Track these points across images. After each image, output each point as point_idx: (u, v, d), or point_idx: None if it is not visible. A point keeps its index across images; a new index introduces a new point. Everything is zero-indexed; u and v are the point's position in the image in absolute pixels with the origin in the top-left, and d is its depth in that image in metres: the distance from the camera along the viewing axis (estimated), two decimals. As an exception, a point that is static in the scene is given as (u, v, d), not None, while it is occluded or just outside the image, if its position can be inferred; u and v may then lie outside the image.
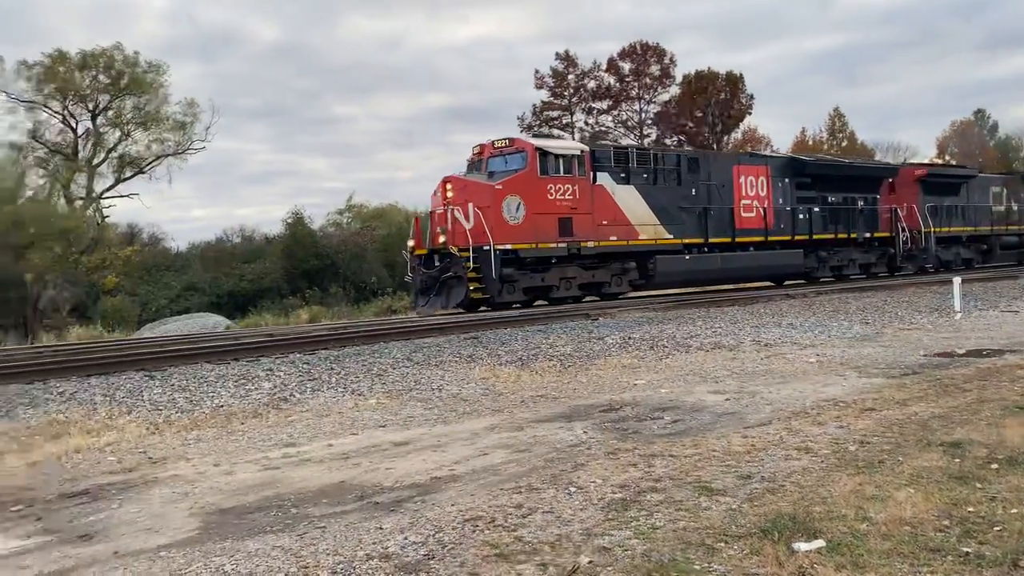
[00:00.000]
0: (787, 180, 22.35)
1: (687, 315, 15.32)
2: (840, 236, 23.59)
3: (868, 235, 24.75)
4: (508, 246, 16.36)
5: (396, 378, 9.85)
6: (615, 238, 18.14)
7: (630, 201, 18.61)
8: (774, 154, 26.54)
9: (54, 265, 26.79)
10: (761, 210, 21.37)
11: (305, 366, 10.27)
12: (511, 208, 16.43)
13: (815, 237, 22.68)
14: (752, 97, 54.48)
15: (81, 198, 36.19)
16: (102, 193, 37.47)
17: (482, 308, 16.72)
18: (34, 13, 56.66)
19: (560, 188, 17.23)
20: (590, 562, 3.74)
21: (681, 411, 7.43)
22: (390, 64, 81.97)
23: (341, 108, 78.18)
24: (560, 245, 17.20)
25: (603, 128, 53.59)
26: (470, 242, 15.86)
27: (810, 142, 57.63)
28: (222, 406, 8.50)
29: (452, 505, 4.76)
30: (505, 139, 17.71)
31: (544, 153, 17.15)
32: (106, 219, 37.27)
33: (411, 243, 17.34)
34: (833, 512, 4.29)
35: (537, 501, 4.75)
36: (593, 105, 53.76)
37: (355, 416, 8.05)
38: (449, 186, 16.91)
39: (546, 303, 17.75)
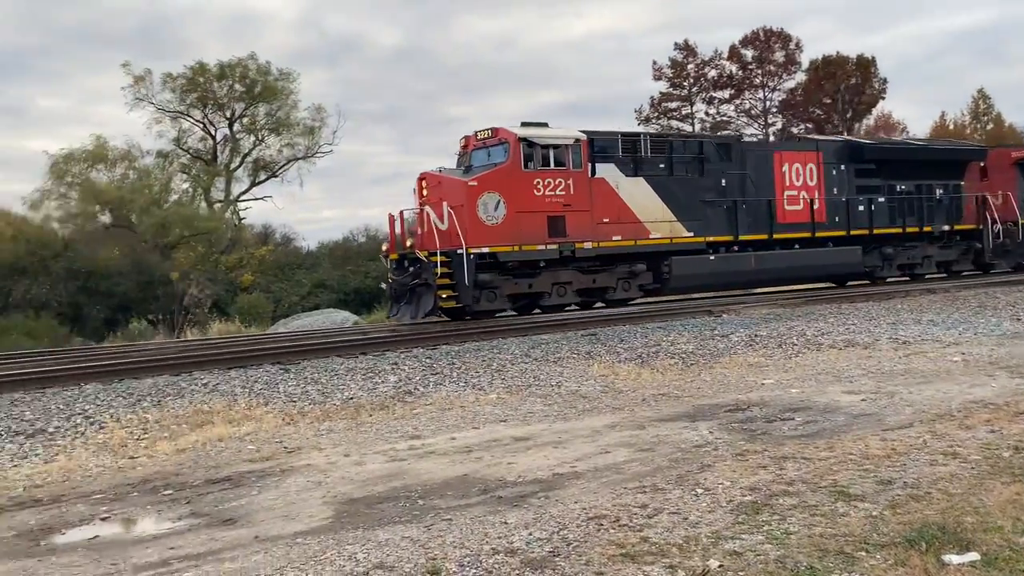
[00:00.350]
0: (843, 167, 19.62)
1: (817, 311, 14.67)
2: (910, 230, 20.49)
3: (947, 228, 21.44)
4: (484, 249, 14.45)
5: (515, 374, 9.92)
6: (619, 238, 15.89)
7: (639, 196, 16.30)
8: (827, 138, 22.65)
9: (197, 264, 28.58)
10: (809, 202, 18.74)
11: (428, 360, 10.50)
12: (488, 207, 14.54)
13: (876, 232, 19.82)
14: (885, 81, 51.64)
15: (220, 201, 38.44)
16: (239, 196, 39.69)
17: (467, 317, 15.00)
18: (175, 29, 60.67)
19: (549, 183, 15.14)
20: (720, 566, 3.62)
21: (813, 412, 7.11)
22: (503, 63, 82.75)
23: (456, 109, 79.68)
24: (550, 247, 15.13)
25: (724, 118, 52.18)
26: (438, 245, 14.12)
27: (951, 126, 54.01)
28: (351, 398, 8.80)
29: (575, 502, 4.73)
30: (488, 130, 15.67)
31: (529, 144, 15.01)
32: (243, 220, 39.41)
33: (385, 246, 15.83)
34: (987, 523, 3.99)
35: (663, 501, 4.66)
36: (714, 95, 52.40)
37: (476, 410, 8.16)
38: (424, 183, 15.45)
39: (540, 311, 15.85)
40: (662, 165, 16.83)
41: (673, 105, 52.80)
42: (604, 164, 16.03)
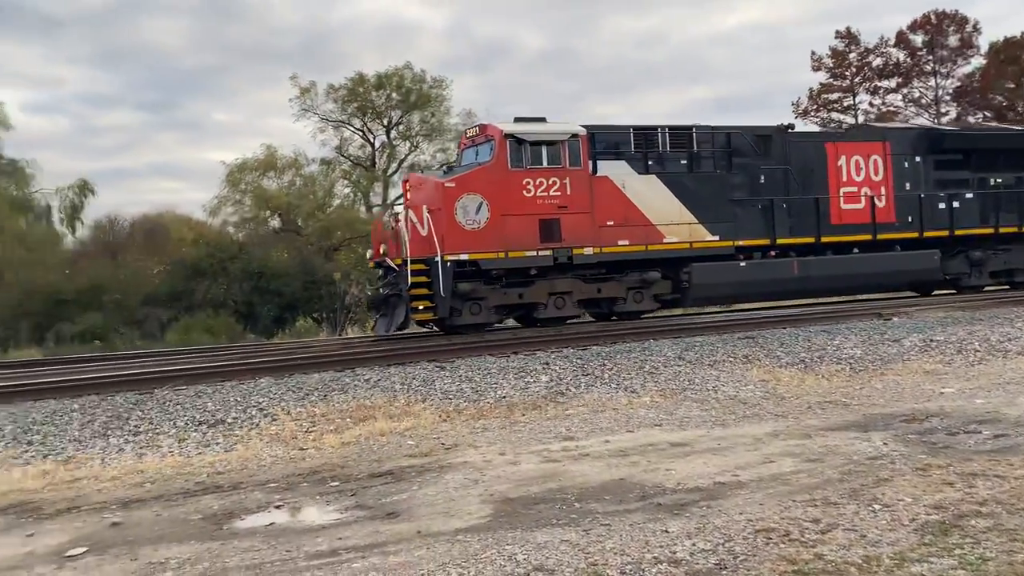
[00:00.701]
0: (919, 159, 16.87)
1: (1001, 314, 13.42)
2: (1005, 230, 17.31)
3: None
4: (463, 256, 13.23)
5: (668, 376, 9.69)
6: (626, 242, 14.24)
7: (650, 195, 14.55)
8: (898, 126, 18.80)
9: (357, 265, 29.94)
10: (870, 199, 16.19)
11: (579, 361, 10.45)
12: (469, 210, 13.34)
13: (959, 233, 16.90)
14: (1080, 62, 46.57)
15: (378, 205, 40.17)
16: (395, 200, 41.34)
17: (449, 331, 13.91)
18: (333, 43, 64.10)
19: (542, 183, 13.71)
20: (906, 591, 3.34)
21: (1004, 425, 6.47)
22: (650, 60, 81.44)
23: (602, 108, 79.30)
24: (542, 253, 13.67)
25: (890, 108, 48.88)
26: (408, 253, 13.15)
27: None
28: (504, 397, 8.90)
29: (740, 513, 4.53)
30: (477, 127, 14.69)
31: (517, 140, 13.62)
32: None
33: (369, 253, 14.77)
34: None
35: (836, 517, 4.37)
36: (879, 84, 49.25)
37: (629, 413, 8.03)
38: (409, 186, 14.49)
39: (540, 324, 14.31)
40: (682, 161, 15.09)
41: (834, 97, 50.04)
42: (610, 161, 14.48)
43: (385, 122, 39.62)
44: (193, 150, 64.57)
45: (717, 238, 14.92)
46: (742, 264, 15.08)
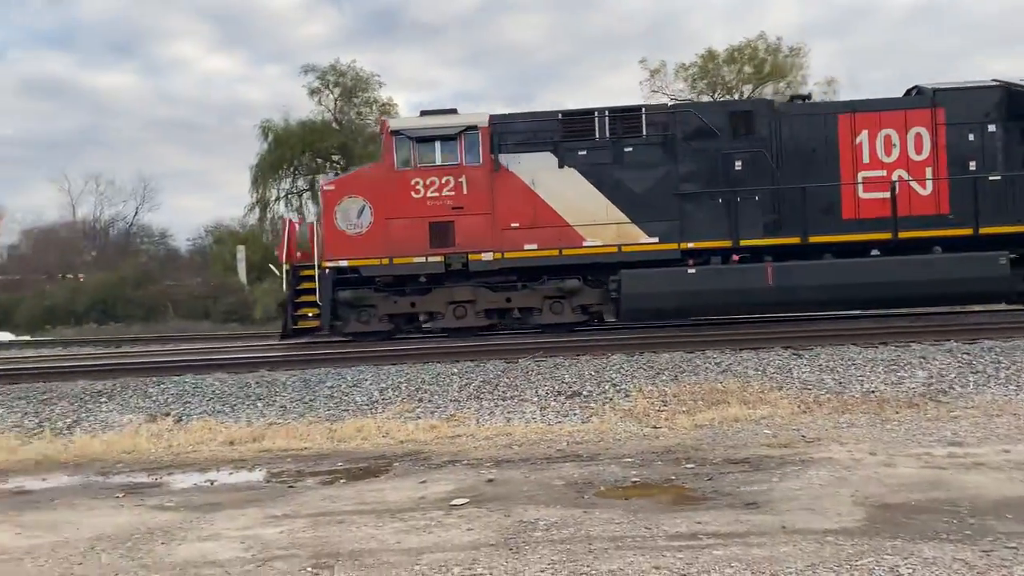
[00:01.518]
0: (993, 128, 12.48)
1: None
2: None
3: None
4: (343, 262, 12.43)
5: (1089, 380, 8.08)
6: (534, 246, 12.41)
7: (567, 192, 12.46)
8: (959, 85, 13.08)
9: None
10: (907, 185, 12.36)
11: (964, 356, 9.14)
12: (349, 214, 12.41)
13: None
14: None
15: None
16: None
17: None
18: (681, 22, 63.62)
19: (434, 182, 12.39)
20: None
21: None
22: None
23: (994, 65, 68.32)
24: (432, 259, 12.40)
25: None
26: (284, 257, 12.78)
27: None
28: (873, 391, 8.13)
29: None
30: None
31: (404, 137, 12.41)
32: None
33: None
34: None
35: None
36: None
37: (1035, 421, 6.83)
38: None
39: (447, 334, 12.73)
40: (626, 150, 12.56)
41: None
42: (524, 154, 12.57)
43: (736, 96, 38.46)
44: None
45: (655, 240, 12.46)
46: (691, 271, 12.33)
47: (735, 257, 12.61)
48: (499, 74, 71.66)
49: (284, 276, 12.87)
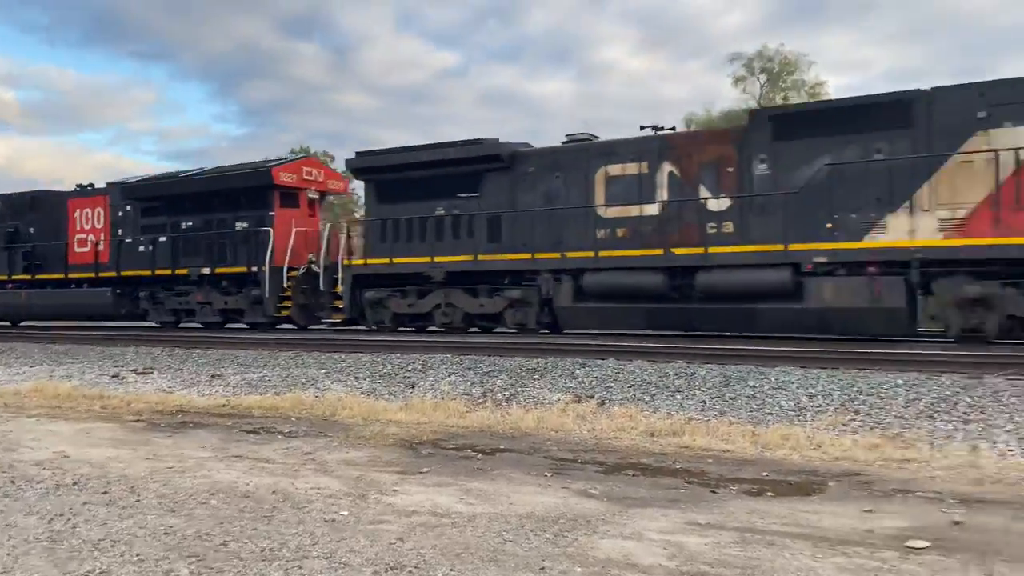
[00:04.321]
0: (129, 207, 19.51)
1: None
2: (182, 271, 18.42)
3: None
4: None
5: None
6: None
7: None
8: (121, 180, 20.21)
9: None
10: (95, 244, 19.89)
11: None
12: None
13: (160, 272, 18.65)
14: None
15: None
16: None
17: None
18: None
19: None
20: None
21: None
22: None
23: None
24: None
25: None
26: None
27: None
28: None
29: None
30: None
31: None
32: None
33: None
34: None
35: None
36: None
37: None
38: None
39: None
40: None
41: None
42: None
43: None
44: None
45: None
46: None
47: (9, 285, 21.17)
48: (940, 47, 62.58)
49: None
